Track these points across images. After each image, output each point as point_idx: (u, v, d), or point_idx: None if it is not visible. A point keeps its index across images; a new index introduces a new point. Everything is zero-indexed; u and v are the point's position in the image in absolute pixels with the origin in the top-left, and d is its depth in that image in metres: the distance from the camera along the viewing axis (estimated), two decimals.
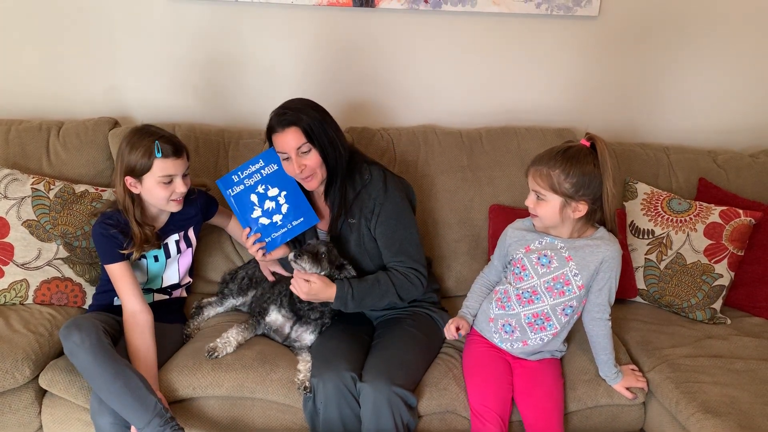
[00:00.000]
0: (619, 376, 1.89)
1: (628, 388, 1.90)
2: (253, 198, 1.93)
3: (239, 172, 1.93)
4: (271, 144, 1.92)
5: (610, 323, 1.85)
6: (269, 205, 1.93)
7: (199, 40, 2.44)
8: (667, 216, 2.30)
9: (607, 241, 1.79)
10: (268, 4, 2.41)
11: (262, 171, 1.93)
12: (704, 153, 2.54)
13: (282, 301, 1.99)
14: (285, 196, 1.94)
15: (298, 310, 1.96)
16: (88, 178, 2.26)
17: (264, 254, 1.95)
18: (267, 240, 1.94)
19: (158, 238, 1.96)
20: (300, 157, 1.85)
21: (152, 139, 1.83)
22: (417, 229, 1.99)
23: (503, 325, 1.90)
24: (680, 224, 2.28)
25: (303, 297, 1.86)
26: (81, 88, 2.47)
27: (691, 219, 2.28)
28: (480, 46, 2.53)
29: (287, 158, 1.87)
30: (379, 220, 1.93)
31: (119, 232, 1.88)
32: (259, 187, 1.93)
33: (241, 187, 1.93)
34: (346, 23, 2.46)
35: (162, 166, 1.83)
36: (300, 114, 1.84)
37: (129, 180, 1.86)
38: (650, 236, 2.30)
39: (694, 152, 2.54)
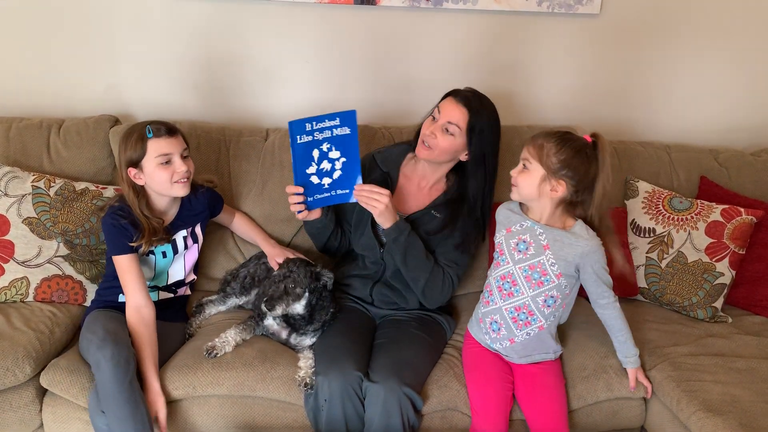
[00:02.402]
0: (638, 361, 1.89)
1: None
2: (315, 153, 1.85)
3: (313, 122, 1.83)
4: (442, 99, 1.97)
5: (618, 303, 1.84)
6: (325, 165, 1.87)
7: (200, 38, 2.44)
8: (668, 214, 2.30)
9: (585, 238, 1.77)
10: (269, 2, 2.40)
11: (334, 130, 1.84)
12: (705, 151, 2.54)
13: None
14: (343, 162, 1.87)
15: (293, 324, 1.95)
16: (88, 176, 2.25)
17: (301, 213, 1.91)
18: (309, 199, 1.89)
19: (167, 233, 1.96)
20: (441, 130, 1.90)
21: (143, 125, 1.87)
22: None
23: (490, 324, 1.90)
24: (681, 223, 2.28)
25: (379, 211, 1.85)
26: (82, 86, 2.47)
27: (692, 217, 2.27)
28: (481, 44, 2.53)
29: (434, 118, 1.93)
30: (457, 233, 1.99)
31: (130, 223, 1.88)
32: (324, 144, 1.85)
33: (309, 138, 1.84)
34: (347, 21, 2.45)
35: (156, 147, 1.85)
36: (481, 109, 1.91)
37: (131, 171, 1.88)
38: (651, 235, 2.30)
39: (695, 150, 2.54)
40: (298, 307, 1.91)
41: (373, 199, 1.83)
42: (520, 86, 2.61)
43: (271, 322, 1.98)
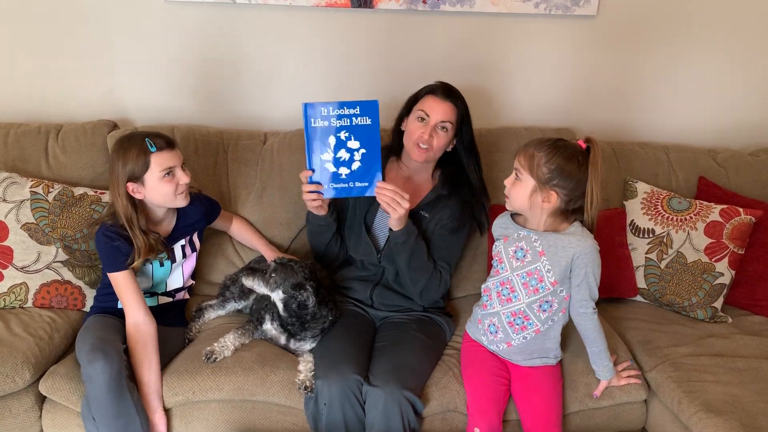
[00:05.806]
0: (610, 372, 1.87)
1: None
2: (331, 140, 1.80)
3: (330, 108, 1.78)
4: (412, 104, 1.99)
5: (596, 315, 1.82)
6: (343, 155, 1.81)
7: (198, 42, 2.44)
8: (667, 215, 2.30)
9: (579, 237, 1.75)
10: (266, 6, 2.40)
11: (354, 119, 1.79)
12: (704, 152, 2.54)
13: (274, 314, 1.97)
14: (363, 154, 1.81)
15: (289, 330, 1.95)
16: (87, 181, 2.25)
17: (315, 201, 1.87)
18: (324, 187, 1.84)
19: (165, 246, 1.94)
20: (435, 129, 1.92)
21: (140, 138, 1.82)
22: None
23: (489, 326, 1.90)
24: (680, 223, 2.28)
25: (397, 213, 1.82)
26: (80, 91, 2.47)
27: (691, 218, 2.27)
28: (478, 46, 2.53)
29: (422, 120, 1.94)
30: (446, 231, 2.01)
31: (124, 241, 1.85)
32: (342, 132, 1.80)
33: (325, 123, 1.79)
34: (344, 24, 2.46)
35: (159, 161, 1.82)
36: (460, 98, 1.97)
37: (131, 186, 1.83)
38: (650, 235, 2.30)
39: (693, 151, 2.54)
40: (264, 289, 1.92)
41: (396, 202, 1.80)
42: (516, 88, 2.61)
43: (269, 327, 1.98)
